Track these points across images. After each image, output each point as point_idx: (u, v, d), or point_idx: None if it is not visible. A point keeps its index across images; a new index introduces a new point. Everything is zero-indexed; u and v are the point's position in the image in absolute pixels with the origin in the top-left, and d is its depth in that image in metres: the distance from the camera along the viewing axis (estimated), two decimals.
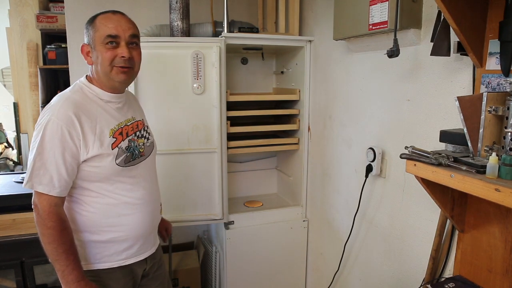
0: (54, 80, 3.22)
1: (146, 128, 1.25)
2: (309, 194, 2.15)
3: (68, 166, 1.03)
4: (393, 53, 1.20)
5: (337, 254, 1.82)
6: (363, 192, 1.58)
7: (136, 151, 1.16)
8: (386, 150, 1.47)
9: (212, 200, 1.94)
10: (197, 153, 1.87)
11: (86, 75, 1.15)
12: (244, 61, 2.37)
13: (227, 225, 2.04)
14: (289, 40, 2.00)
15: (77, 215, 1.11)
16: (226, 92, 1.90)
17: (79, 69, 2.09)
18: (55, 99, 1.08)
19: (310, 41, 2.01)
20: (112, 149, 1.09)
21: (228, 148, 1.97)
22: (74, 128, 1.02)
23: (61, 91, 1.15)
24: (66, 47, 2.14)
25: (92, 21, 1.09)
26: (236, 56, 2.33)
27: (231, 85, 2.30)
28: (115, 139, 1.10)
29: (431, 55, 1.11)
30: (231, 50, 2.10)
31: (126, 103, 1.20)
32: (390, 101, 1.43)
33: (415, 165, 0.99)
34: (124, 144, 1.12)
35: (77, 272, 1.04)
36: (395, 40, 1.19)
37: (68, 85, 1.15)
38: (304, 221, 2.17)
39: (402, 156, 1.03)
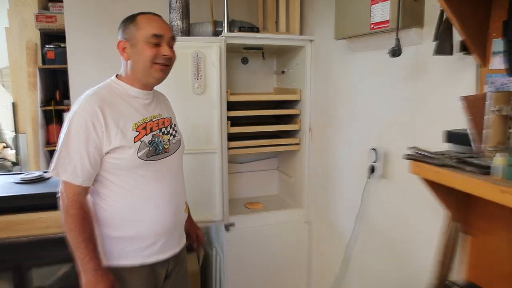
0: (53, 80, 3.22)
1: (173, 126, 1.27)
2: (310, 195, 2.15)
3: (91, 157, 1.08)
4: (395, 52, 1.20)
5: (339, 256, 1.81)
6: (365, 194, 1.58)
7: (160, 147, 1.18)
8: (388, 151, 1.46)
9: (212, 201, 1.93)
10: (197, 153, 1.87)
11: (117, 74, 1.20)
12: (245, 61, 2.37)
13: (228, 227, 2.03)
14: (289, 40, 2.00)
15: (101, 210, 1.15)
16: (227, 92, 1.90)
17: (78, 68, 2.09)
18: (84, 94, 1.14)
19: (311, 40, 2.01)
20: (135, 142, 1.12)
21: (228, 148, 1.97)
22: (98, 120, 1.07)
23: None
24: (65, 47, 2.14)
25: (132, 19, 1.14)
26: (237, 56, 2.34)
27: (232, 85, 2.30)
28: (138, 132, 1.13)
29: (433, 54, 1.11)
30: (231, 50, 2.10)
31: (154, 101, 1.24)
32: (393, 101, 1.42)
33: (418, 166, 0.98)
34: (147, 138, 1.15)
35: (95, 261, 1.08)
36: (397, 40, 1.19)
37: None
38: (305, 222, 2.17)
39: (405, 157, 1.02)
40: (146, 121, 1.17)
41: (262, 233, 2.09)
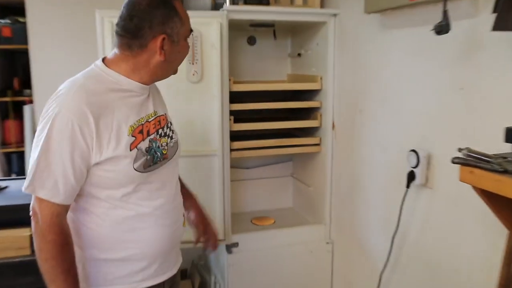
0: (10, 64, 3.19)
1: (169, 125, 1.28)
2: (334, 209, 2.14)
3: (76, 169, 1.05)
4: (442, 28, 1.19)
5: (371, 286, 1.80)
6: (403, 207, 1.57)
7: (158, 153, 1.18)
8: (433, 153, 1.46)
9: (211, 216, 1.93)
10: (193, 156, 1.87)
11: (104, 58, 1.17)
12: (252, 41, 2.37)
13: (230, 248, 2.03)
14: (308, 14, 1.99)
15: (84, 229, 1.14)
16: (229, 80, 1.91)
17: (42, 50, 2.09)
18: (65, 85, 1.10)
19: (334, 15, 2.00)
20: (130, 151, 1.10)
21: (231, 150, 1.97)
22: (87, 124, 1.04)
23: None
24: (25, 22, 2.13)
25: (172, 8, 1.11)
26: (242, 35, 2.34)
27: (236, 71, 2.31)
28: (134, 138, 1.12)
29: (492, 30, 1.09)
30: (235, 27, 2.09)
31: (149, 95, 1.23)
32: (438, 90, 1.42)
33: (472, 172, 0.97)
34: (144, 144, 1.14)
35: None
36: (445, 12, 1.17)
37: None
38: (327, 243, 2.16)
39: (454, 161, 1.01)
40: (142, 122, 1.16)
41: (273, 257, 2.09)
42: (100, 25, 1.73)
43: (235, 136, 2.01)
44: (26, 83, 2.85)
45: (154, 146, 1.17)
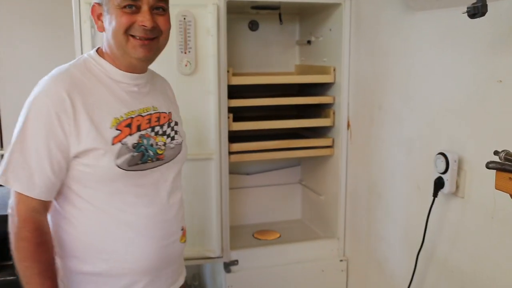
0: None
1: (172, 125, 1.30)
2: (348, 221, 2.14)
3: (53, 160, 1.09)
4: (477, 10, 1.17)
5: None
6: (429, 219, 1.56)
7: (151, 152, 1.20)
8: (464, 157, 1.45)
9: (206, 229, 1.94)
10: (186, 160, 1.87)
11: (98, 48, 1.23)
12: (254, 26, 2.38)
13: (228, 266, 2.03)
14: None
15: (64, 234, 1.17)
16: (228, 71, 1.91)
17: (7, 38, 2.06)
18: (50, 73, 1.16)
19: None
20: (113, 145, 1.13)
21: (230, 153, 1.97)
22: (65, 111, 1.08)
23: None
24: None
25: None
26: (242, 19, 2.35)
27: (235, 62, 2.31)
28: (118, 131, 1.15)
29: None
30: (234, 11, 2.10)
31: (147, 87, 1.27)
32: (472, 83, 1.41)
33: (510, 179, 0.96)
34: (131, 139, 1.16)
35: None
36: None
37: None
38: (341, 261, 2.16)
39: (489, 166, 1.00)
40: (133, 115, 1.19)
41: (278, 276, 2.08)
42: (76, 7, 1.72)
43: (234, 137, 2.01)
44: None
45: (145, 143, 1.19)
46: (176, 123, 1.33)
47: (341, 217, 2.16)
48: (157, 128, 1.24)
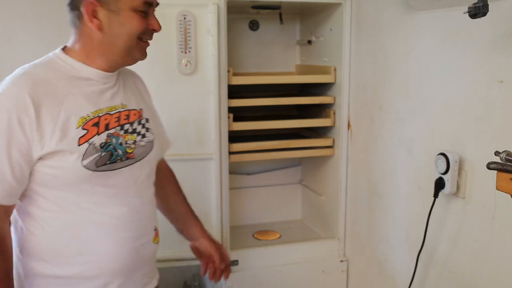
0: None
1: (142, 122, 1.28)
2: (349, 221, 2.15)
3: (14, 165, 1.06)
4: (478, 10, 1.17)
5: None
6: (430, 220, 1.56)
7: (120, 151, 1.18)
8: (465, 157, 1.45)
9: (206, 229, 1.93)
10: (185, 160, 1.87)
11: (64, 47, 1.20)
12: (254, 25, 2.38)
13: None
14: None
15: (30, 236, 1.14)
16: (228, 71, 1.91)
17: (2, 33, 2.05)
18: (12, 74, 1.13)
19: None
20: (79, 145, 1.11)
21: (230, 153, 1.98)
22: (27, 114, 1.05)
23: None
24: None
25: None
26: (243, 19, 2.35)
27: (235, 62, 2.32)
28: (85, 131, 1.12)
29: None
30: (234, 10, 2.10)
31: (117, 84, 1.24)
32: (473, 83, 1.41)
33: (511, 179, 0.96)
34: (98, 139, 1.14)
35: None
36: None
37: None
38: (342, 261, 2.16)
39: (490, 166, 1.01)
40: (100, 114, 1.16)
41: (278, 276, 2.09)
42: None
43: (234, 137, 2.01)
44: None
45: (114, 142, 1.17)
46: (148, 120, 1.30)
47: (342, 218, 2.16)
48: (126, 126, 1.22)
